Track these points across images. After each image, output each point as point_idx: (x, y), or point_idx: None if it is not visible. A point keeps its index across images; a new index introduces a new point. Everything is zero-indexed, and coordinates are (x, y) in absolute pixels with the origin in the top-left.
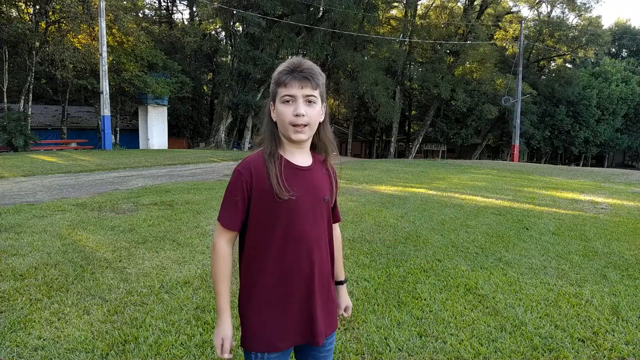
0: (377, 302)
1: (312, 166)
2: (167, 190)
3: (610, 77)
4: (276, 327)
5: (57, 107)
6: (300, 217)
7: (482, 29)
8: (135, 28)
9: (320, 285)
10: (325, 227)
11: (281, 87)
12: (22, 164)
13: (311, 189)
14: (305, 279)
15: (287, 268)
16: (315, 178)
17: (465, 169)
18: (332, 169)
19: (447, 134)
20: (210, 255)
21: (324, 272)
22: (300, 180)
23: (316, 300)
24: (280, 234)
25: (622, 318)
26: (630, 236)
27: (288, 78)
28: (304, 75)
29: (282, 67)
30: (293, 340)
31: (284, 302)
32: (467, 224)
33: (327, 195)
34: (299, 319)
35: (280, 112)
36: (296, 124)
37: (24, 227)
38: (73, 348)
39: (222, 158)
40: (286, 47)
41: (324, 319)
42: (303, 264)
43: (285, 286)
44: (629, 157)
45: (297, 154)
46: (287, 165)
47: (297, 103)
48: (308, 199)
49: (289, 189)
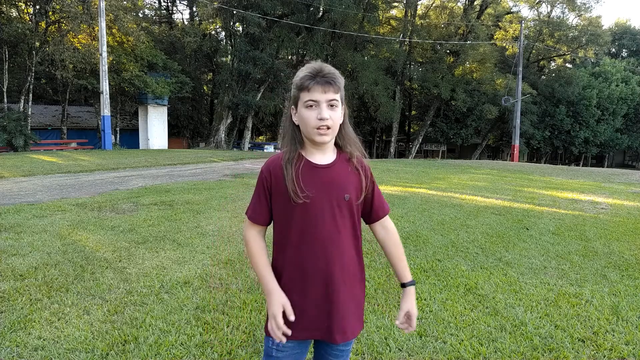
0: (377, 302)
1: (332, 164)
2: (167, 190)
3: (610, 77)
4: (292, 318)
5: (57, 107)
6: (316, 217)
7: (482, 29)
8: (135, 28)
9: (343, 284)
10: (347, 225)
11: (304, 92)
12: (22, 164)
13: (329, 187)
14: (323, 277)
15: (304, 265)
16: (336, 176)
17: (465, 169)
18: (363, 166)
19: (447, 134)
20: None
21: (347, 271)
22: (318, 179)
23: (337, 298)
24: (297, 232)
25: (622, 318)
26: (630, 236)
27: (311, 83)
28: (327, 80)
29: (304, 73)
30: (310, 334)
31: (303, 296)
32: (467, 224)
33: (348, 194)
34: (316, 314)
35: (304, 116)
36: (320, 127)
37: (24, 227)
38: (73, 348)
39: (222, 158)
40: (286, 47)
41: (346, 318)
42: (319, 263)
43: (305, 282)
44: (629, 157)
45: (317, 153)
46: (306, 165)
47: (320, 108)
48: (326, 198)
49: (304, 190)
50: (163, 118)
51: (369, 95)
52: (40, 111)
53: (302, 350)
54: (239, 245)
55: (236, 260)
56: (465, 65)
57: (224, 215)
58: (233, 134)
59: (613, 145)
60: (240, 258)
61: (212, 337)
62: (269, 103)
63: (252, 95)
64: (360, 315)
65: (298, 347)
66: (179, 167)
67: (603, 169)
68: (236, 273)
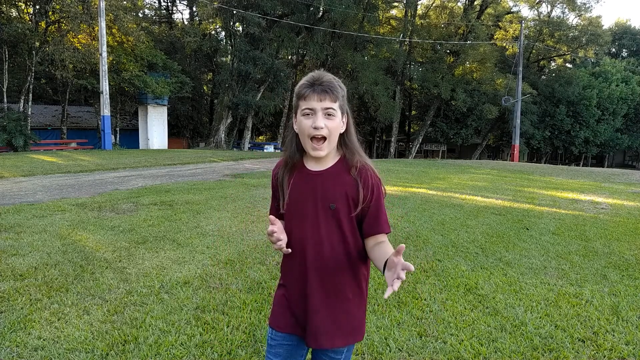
0: (377, 302)
1: (324, 172)
2: (167, 190)
3: (610, 77)
4: (281, 311)
5: (57, 107)
6: (298, 221)
7: (482, 28)
8: (135, 28)
9: (321, 291)
10: (332, 233)
11: (301, 100)
12: (22, 164)
13: (315, 193)
14: (299, 279)
15: (289, 263)
16: (324, 184)
17: (465, 169)
18: (365, 178)
19: (447, 134)
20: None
21: (329, 281)
22: (306, 185)
23: (311, 303)
24: (289, 231)
25: (622, 318)
26: (630, 236)
27: (308, 91)
28: (323, 88)
29: (303, 81)
30: (292, 330)
31: (291, 295)
32: (467, 224)
33: (334, 203)
34: (297, 312)
35: (301, 125)
36: (315, 137)
37: (24, 227)
38: (73, 348)
39: (222, 158)
40: (286, 47)
41: (320, 326)
42: (297, 265)
43: (289, 279)
44: (629, 157)
45: (314, 160)
46: (302, 171)
47: (316, 116)
48: (310, 203)
49: (289, 203)
50: (163, 118)
51: (369, 95)
52: (40, 111)
53: (295, 344)
54: (239, 245)
55: (236, 260)
56: (465, 65)
57: (224, 215)
58: (233, 134)
59: (613, 145)
60: (240, 258)
61: (212, 337)
62: (268, 103)
63: (252, 95)
64: (352, 327)
65: (289, 339)
66: (178, 167)
67: (603, 169)
68: (236, 273)
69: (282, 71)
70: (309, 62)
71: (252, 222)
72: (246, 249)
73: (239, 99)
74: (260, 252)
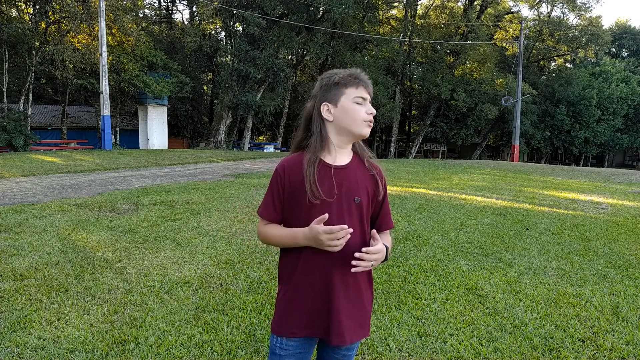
0: (377, 302)
1: (347, 166)
2: (167, 190)
3: (610, 77)
4: (292, 315)
5: (57, 107)
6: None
7: (482, 29)
8: (135, 28)
9: (344, 287)
10: (355, 226)
11: (351, 88)
12: (22, 164)
13: (340, 188)
14: (324, 277)
15: (310, 263)
16: (351, 177)
17: (465, 169)
18: (377, 169)
19: (447, 134)
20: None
21: (349, 273)
22: (330, 179)
23: (336, 301)
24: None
25: (622, 318)
26: (630, 236)
27: (359, 82)
28: (368, 82)
29: (346, 73)
30: (311, 332)
31: (308, 292)
32: (467, 224)
33: (358, 196)
34: (318, 312)
35: (353, 109)
36: (368, 121)
37: (24, 227)
38: (73, 348)
39: (222, 158)
40: (286, 47)
41: (344, 322)
42: (321, 262)
43: (310, 279)
44: (629, 157)
45: (334, 154)
46: (322, 165)
47: (367, 103)
48: (335, 198)
49: (321, 194)
50: (163, 118)
51: None
52: (40, 111)
53: (306, 350)
54: (239, 245)
55: (236, 260)
56: (465, 65)
57: (224, 215)
58: (233, 134)
59: (613, 145)
60: (240, 258)
61: (212, 337)
62: (268, 103)
63: (252, 95)
64: (365, 321)
65: (301, 346)
66: (178, 167)
67: (603, 169)
68: (236, 273)
69: (282, 71)
70: (309, 62)
71: (252, 222)
72: (246, 249)
73: (239, 99)
74: (260, 252)
